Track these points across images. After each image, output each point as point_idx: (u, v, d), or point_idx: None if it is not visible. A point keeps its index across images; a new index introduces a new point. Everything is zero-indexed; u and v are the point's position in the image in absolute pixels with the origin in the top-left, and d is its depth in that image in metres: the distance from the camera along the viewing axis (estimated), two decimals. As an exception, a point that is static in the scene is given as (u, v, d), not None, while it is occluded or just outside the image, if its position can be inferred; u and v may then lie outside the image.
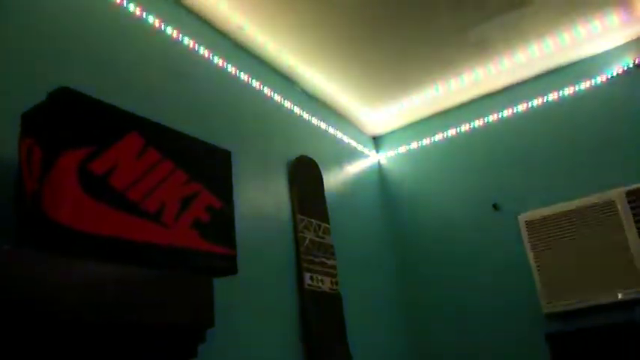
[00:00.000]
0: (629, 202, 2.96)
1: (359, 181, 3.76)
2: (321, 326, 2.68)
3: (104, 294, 1.29)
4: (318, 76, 3.29)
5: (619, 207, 2.98)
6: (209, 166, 1.71)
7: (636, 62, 3.21)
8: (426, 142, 3.91)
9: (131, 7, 2.24)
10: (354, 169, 3.73)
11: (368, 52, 3.14)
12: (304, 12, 2.72)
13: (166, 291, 1.44)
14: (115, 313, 1.30)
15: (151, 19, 2.32)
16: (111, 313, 1.29)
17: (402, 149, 4.01)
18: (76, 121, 1.35)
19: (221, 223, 1.65)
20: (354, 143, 3.82)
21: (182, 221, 1.51)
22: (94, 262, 1.31)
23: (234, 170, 2.00)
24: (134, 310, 1.35)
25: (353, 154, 3.79)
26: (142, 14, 2.28)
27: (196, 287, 1.54)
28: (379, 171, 4.07)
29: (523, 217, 3.27)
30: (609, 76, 3.29)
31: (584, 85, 3.36)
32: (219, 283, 1.74)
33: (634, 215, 2.93)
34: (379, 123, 3.98)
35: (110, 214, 1.34)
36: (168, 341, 1.46)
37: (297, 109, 3.24)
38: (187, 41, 2.50)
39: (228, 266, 1.63)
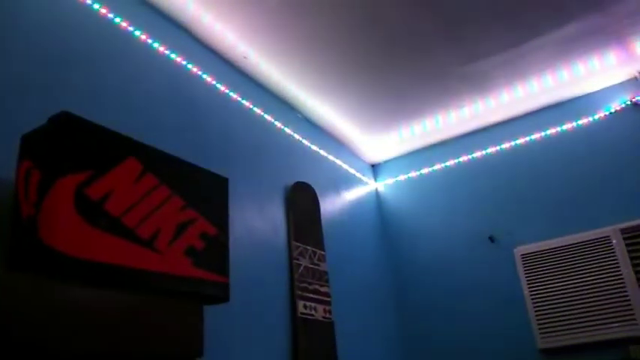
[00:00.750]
0: (624, 239, 2.97)
1: (356, 208, 3.77)
2: (313, 355, 2.66)
3: (94, 322, 1.29)
4: (319, 104, 3.33)
5: (614, 243, 2.99)
6: (206, 193, 1.73)
7: (633, 100, 3.25)
8: (424, 171, 3.93)
9: (137, 33, 2.28)
10: (351, 196, 3.74)
11: (369, 81, 3.18)
12: (307, 41, 2.78)
13: (155, 319, 1.44)
14: (103, 341, 1.29)
15: (156, 45, 2.36)
16: (99, 342, 1.29)
17: (401, 178, 4.03)
18: (75, 146, 1.37)
19: (215, 251, 1.66)
20: (352, 170, 3.84)
21: (175, 248, 1.52)
22: (85, 289, 1.31)
23: (231, 195, 2.01)
24: (123, 339, 1.35)
25: (351, 182, 3.80)
26: (147, 40, 2.32)
27: (186, 315, 1.53)
28: (377, 199, 4.08)
29: (519, 251, 3.27)
30: (607, 114, 3.33)
31: (582, 121, 3.40)
32: (210, 311, 1.74)
33: (629, 252, 2.93)
34: (378, 151, 4.01)
35: (104, 240, 1.35)
36: (156, 369, 1.45)
37: (297, 136, 3.27)
38: (191, 67, 2.54)
39: (220, 294, 1.63)
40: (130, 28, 2.26)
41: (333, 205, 3.45)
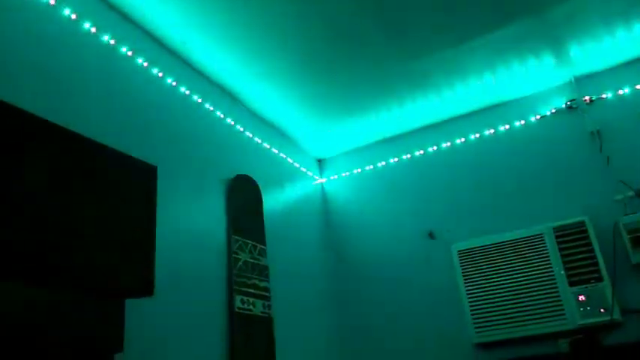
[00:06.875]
0: (556, 237, 3.07)
1: (301, 203, 3.74)
2: (249, 351, 2.60)
3: (1, 316, 1.19)
4: (264, 95, 3.27)
5: (547, 241, 3.09)
6: (130, 181, 1.64)
7: (568, 104, 3.38)
8: (368, 167, 3.95)
9: (66, 11, 2.15)
10: (296, 190, 3.71)
11: (315, 75, 3.14)
12: (252, 28, 2.70)
13: (71, 312, 1.35)
14: (12, 337, 1.19)
15: (87, 25, 2.23)
16: (8, 338, 1.18)
17: (346, 173, 4.03)
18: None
19: (138, 241, 1.57)
20: (297, 165, 3.80)
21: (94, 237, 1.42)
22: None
23: (166, 186, 1.93)
24: (34, 334, 1.25)
25: (296, 176, 3.76)
26: (77, 18, 2.19)
27: (105, 309, 1.45)
28: (322, 194, 4.06)
29: (457, 247, 3.34)
30: (543, 116, 3.45)
31: (519, 122, 3.50)
32: (135, 304, 1.66)
33: (560, 250, 3.04)
34: (325, 146, 3.99)
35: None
36: (67, 367, 1.35)
37: (239, 127, 3.19)
38: (125, 51, 2.42)
39: (143, 287, 1.54)
40: (54, 2, 2.12)
41: (276, 199, 3.39)
